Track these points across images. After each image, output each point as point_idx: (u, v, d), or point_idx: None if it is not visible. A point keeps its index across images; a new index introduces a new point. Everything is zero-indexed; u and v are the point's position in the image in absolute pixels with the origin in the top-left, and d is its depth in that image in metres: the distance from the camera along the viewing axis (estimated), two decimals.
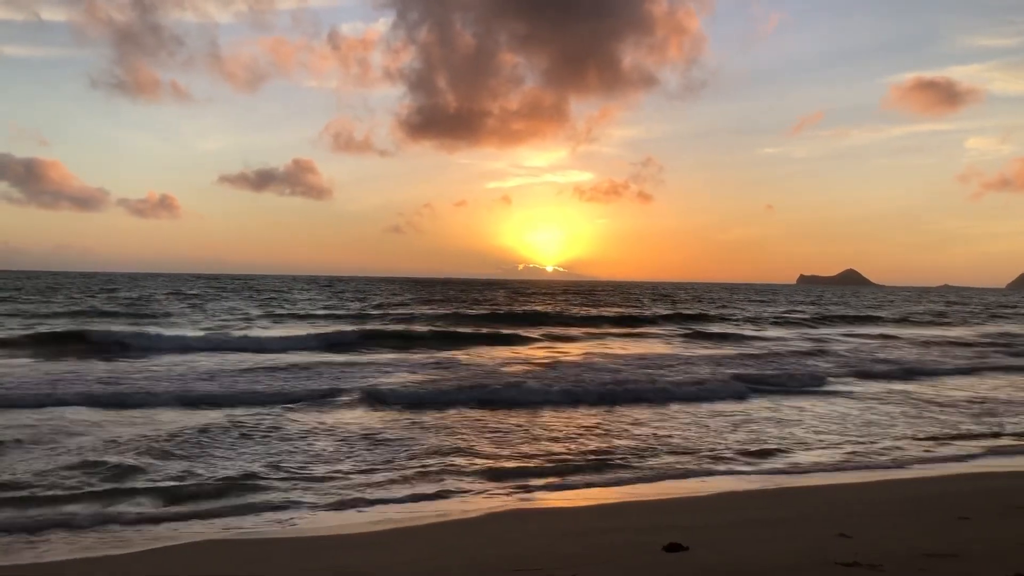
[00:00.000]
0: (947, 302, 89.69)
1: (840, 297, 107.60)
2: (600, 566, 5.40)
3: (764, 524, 6.73)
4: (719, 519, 7.01)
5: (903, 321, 48.47)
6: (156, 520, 7.17)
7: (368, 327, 32.69)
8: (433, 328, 33.16)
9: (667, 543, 5.80)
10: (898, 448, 11.07)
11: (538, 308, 50.99)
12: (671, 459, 10.08)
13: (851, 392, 17.10)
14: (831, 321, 46.41)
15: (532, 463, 9.68)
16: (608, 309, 52.85)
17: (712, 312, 52.12)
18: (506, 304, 57.13)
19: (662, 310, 52.25)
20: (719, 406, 14.71)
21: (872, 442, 11.44)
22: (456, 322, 38.05)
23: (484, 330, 32.81)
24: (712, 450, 10.68)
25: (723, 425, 12.66)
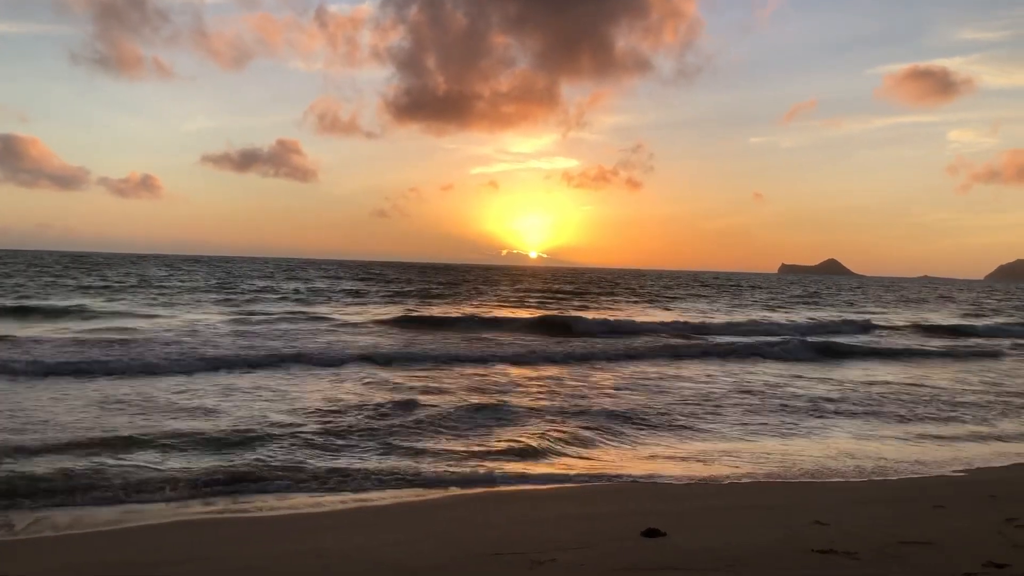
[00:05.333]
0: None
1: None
2: (579, 550, 5.40)
3: (741, 511, 6.75)
4: (696, 505, 7.03)
5: None
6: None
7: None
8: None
9: (645, 528, 5.81)
10: None
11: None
12: None
13: None
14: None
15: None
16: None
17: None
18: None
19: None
20: None
21: None
22: None
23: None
24: None
25: None
